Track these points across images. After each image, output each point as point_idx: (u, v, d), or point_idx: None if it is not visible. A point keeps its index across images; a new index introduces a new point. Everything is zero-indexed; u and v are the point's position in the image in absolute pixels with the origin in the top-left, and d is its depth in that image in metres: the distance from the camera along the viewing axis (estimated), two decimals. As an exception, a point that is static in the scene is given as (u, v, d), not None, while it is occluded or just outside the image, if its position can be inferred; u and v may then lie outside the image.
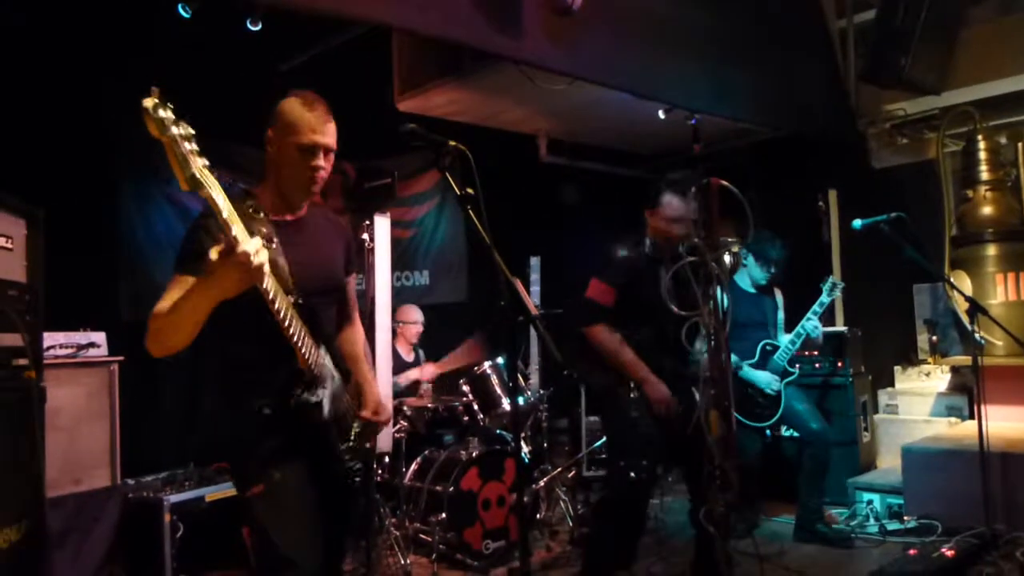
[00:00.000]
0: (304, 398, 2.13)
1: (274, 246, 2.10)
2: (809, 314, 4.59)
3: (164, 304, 1.95)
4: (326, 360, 2.23)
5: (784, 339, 4.66)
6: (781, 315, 4.84)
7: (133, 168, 4.77)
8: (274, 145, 2.21)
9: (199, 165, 1.77)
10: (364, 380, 2.51)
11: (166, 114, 1.72)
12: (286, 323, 2.03)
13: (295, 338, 2.07)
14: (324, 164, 2.22)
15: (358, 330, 2.62)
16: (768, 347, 4.63)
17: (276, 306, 1.99)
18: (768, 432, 4.71)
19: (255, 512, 2.10)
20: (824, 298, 4.62)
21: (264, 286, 1.93)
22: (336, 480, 2.31)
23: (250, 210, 2.13)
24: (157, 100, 1.72)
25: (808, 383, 5.22)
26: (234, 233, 1.81)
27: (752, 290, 4.76)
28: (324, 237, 2.36)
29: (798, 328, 4.60)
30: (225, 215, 1.81)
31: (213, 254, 1.81)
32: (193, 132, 1.76)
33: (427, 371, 5.39)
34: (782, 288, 4.91)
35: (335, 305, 2.42)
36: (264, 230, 2.10)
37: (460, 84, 4.96)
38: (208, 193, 1.80)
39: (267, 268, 1.88)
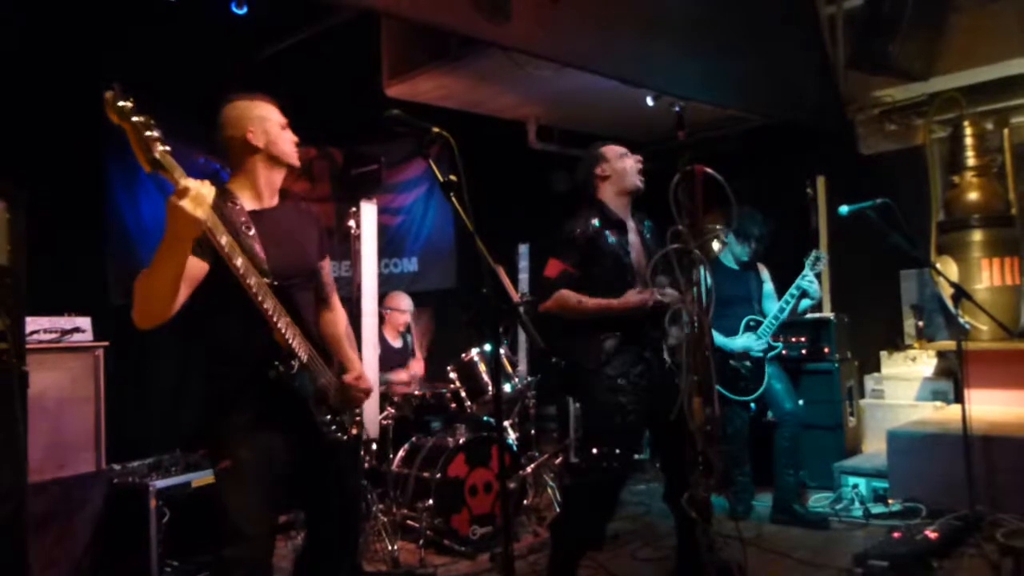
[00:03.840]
0: (280, 370, 2.21)
1: (251, 233, 2.24)
2: (792, 289, 4.53)
3: (143, 273, 2.06)
4: (302, 338, 2.30)
5: (771, 308, 4.66)
6: (768, 287, 4.83)
7: (119, 150, 4.73)
8: (251, 138, 2.34)
9: (160, 150, 1.89)
10: (345, 357, 2.60)
11: (125, 104, 1.84)
12: (259, 298, 2.15)
13: (270, 312, 2.18)
14: (294, 136, 2.44)
15: (339, 313, 2.69)
16: (752, 322, 4.65)
17: (248, 281, 2.12)
18: (752, 406, 4.71)
19: (219, 485, 2.21)
20: (807, 272, 4.52)
21: (218, 238, 2.04)
22: (320, 453, 2.37)
23: (228, 203, 2.27)
24: (117, 92, 1.84)
25: (794, 368, 5.26)
26: (177, 176, 1.92)
27: (735, 267, 4.77)
28: (297, 225, 2.48)
29: (780, 303, 4.59)
30: (177, 175, 1.93)
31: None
32: (153, 122, 1.89)
33: (415, 369, 5.38)
34: (767, 264, 4.90)
35: (312, 290, 2.51)
36: (242, 219, 2.25)
37: (448, 70, 4.94)
38: (170, 174, 1.92)
39: (208, 201, 1.95)
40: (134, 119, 1.84)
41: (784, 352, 4.81)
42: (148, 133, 1.87)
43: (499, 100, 5.55)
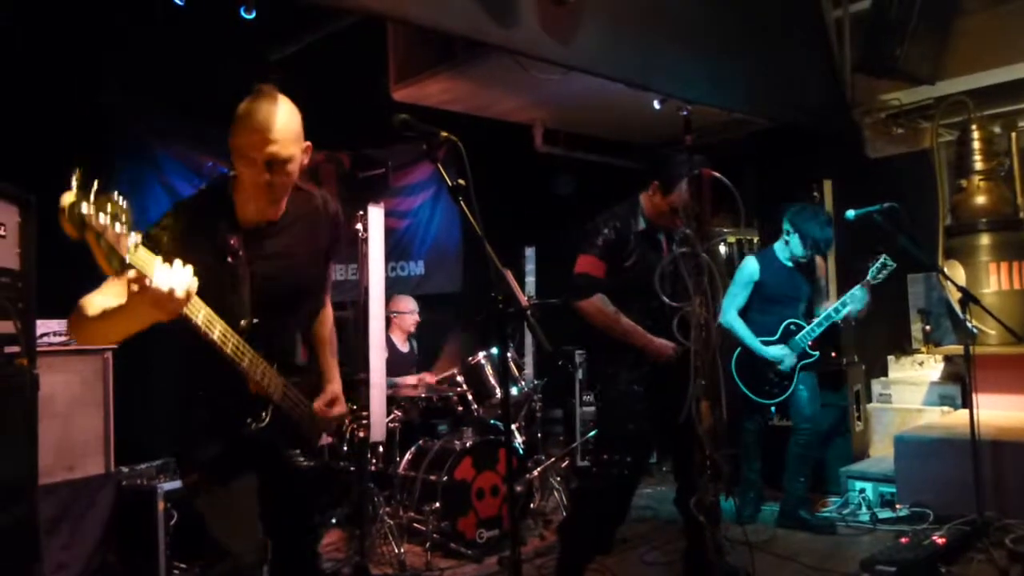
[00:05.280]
0: (252, 427, 2.12)
1: (240, 255, 2.05)
2: (845, 297, 4.45)
3: (90, 306, 1.86)
4: (278, 377, 2.17)
5: (820, 305, 4.58)
6: (821, 283, 4.74)
7: (127, 154, 4.76)
8: (231, 148, 2.06)
9: (128, 246, 1.59)
10: (325, 365, 2.47)
11: (87, 210, 1.52)
12: (236, 359, 1.99)
13: (244, 364, 2.02)
14: (272, 178, 2.01)
15: (326, 313, 2.52)
16: (792, 326, 4.53)
17: (226, 350, 1.95)
18: (773, 410, 4.67)
19: (195, 501, 2.12)
20: (869, 277, 4.41)
21: (195, 320, 1.85)
22: (280, 481, 2.27)
23: (222, 221, 2.07)
24: (75, 194, 1.53)
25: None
26: (154, 270, 1.69)
27: (789, 263, 4.58)
28: (303, 237, 2.24)
29: (828, 311, 4.49)
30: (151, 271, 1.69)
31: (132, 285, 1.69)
32: (120, 209, 1.57)
33: (424, 382, 5.37)
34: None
35: (310, 304, 2.38)
36: (232, 241, 2.05)
37: (455, 74, 4.94)
38: (143, 273, 1.67)
39: (193, 296, 1.77)
40: (98, 221, 1.53)
41: (819, 359, 4.64)
42: (116, 229, 1.56)
43: (505, 103, 5.56)
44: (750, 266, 4.62)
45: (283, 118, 2.02)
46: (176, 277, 1.72)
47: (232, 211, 2.11)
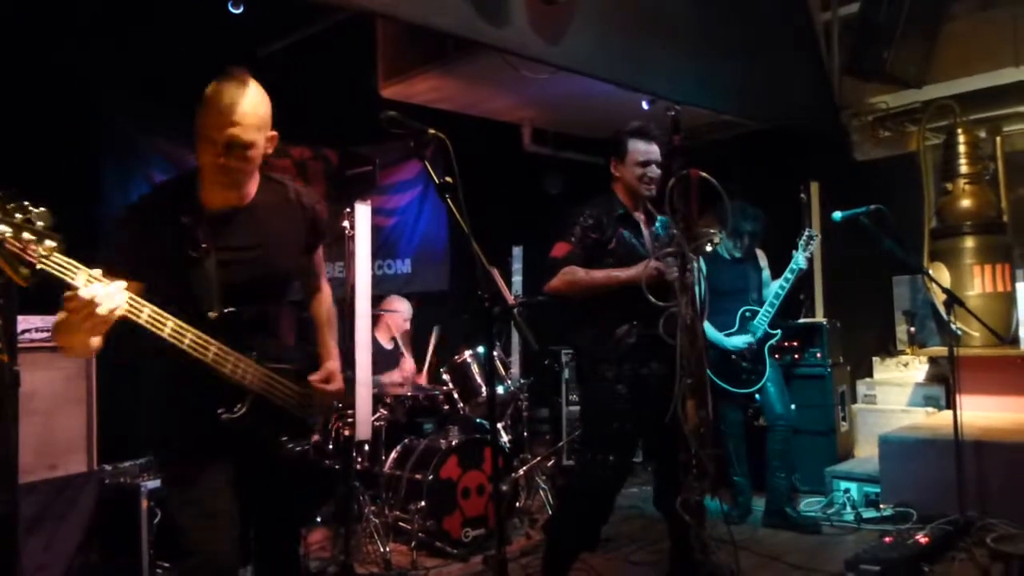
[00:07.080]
0: (224, 417, 2.08)
1: (204, 247, 2.05)
2: (787, 273, 4.59)
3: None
4: (255, 366, 2.15)
5: (768, 292, 4.69)
6: (767, 274, 4.84)
7: (114, 149, 4.73)
8: (195, 128, 2.05)
9: (39, 253, 1.65)
10: (323, 345, 2.48)
11: None
12: (198, 352, 1.99)
13: (208, 358, 2.01)
14: (228, 161, 2.02)
15: (324, 294, 2.56)
16: (747, 313, 4.67)
17: (171, 338, 1.95)
18: (758, 397, 4.71)
19: (171, 501, 2.12)
20: (799, 254, 4.56)
21: (139, 320, 1.87)
22: (270, 464, 2.26)
23: (187, 214, 2.06)
24: None
25: (786, 372, 5.25)
26: (78, 277, 1.74)
27: (728, 257, 4.76)
28: (273, 224, 2.23)
29: (775, 288, 4.63)
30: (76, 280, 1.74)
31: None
32: (35, 212, 1.64)
33: (407, 368, 5.35)
34: (764, 249, 4.91)
35: (288, 292, 2.38)
36: (195, 233, 2.05)
37: (444, 72, 4.93)
38: (58, 279, 1.72)
39: (105, 316, 1.77)
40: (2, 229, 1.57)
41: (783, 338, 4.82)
42: (19, 239, 1.60)
43: (494, 102, 5.55)
44: None
45: (249, 103, 2.04)
46: (102, 290, 1.74)
47: (196, 197, 2.11)
